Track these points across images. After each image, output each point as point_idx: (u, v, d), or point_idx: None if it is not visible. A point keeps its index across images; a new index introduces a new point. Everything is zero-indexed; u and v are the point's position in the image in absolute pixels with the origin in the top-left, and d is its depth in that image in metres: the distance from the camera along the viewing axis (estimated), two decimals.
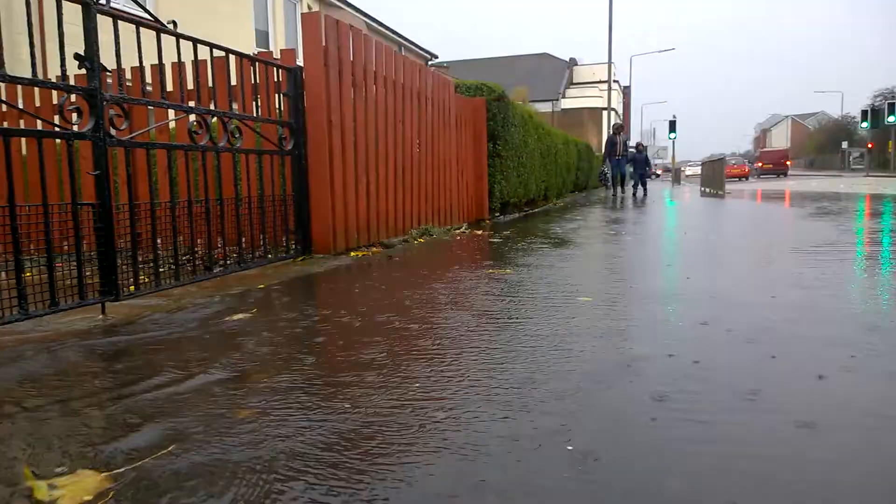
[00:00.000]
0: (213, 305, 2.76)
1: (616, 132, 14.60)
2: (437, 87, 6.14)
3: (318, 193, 4.21)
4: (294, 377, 1.68)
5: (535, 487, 1.04)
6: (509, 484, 1.06)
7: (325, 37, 4.16)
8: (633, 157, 15.06)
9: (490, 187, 7.54)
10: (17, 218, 2.30)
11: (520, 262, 3.88)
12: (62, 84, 2.47)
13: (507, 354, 1.84)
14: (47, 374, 1.79)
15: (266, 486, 1.06)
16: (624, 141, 14.54)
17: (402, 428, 1.31)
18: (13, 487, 1.08)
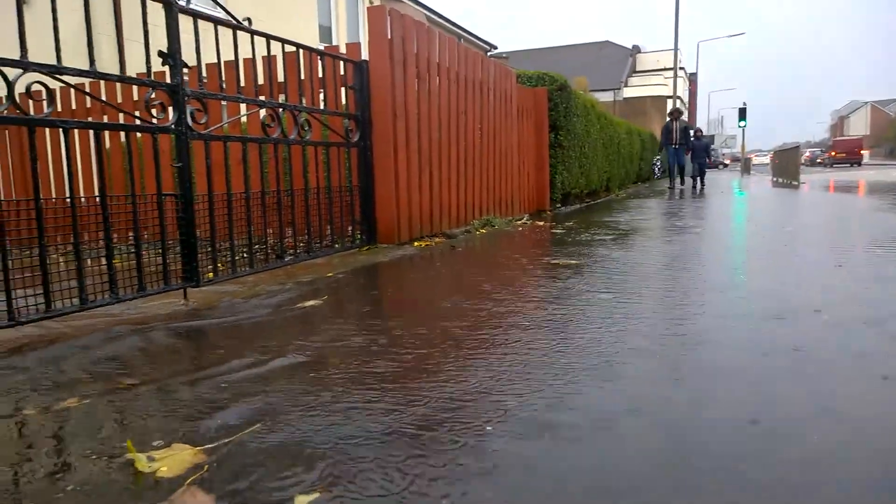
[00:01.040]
0: (285, 292, 2.86)
1: (673, 117, 13.14)
2: (498, 77, 6.12)
3: (382, 184, 4.28)
4: (368, 361, 1.73)
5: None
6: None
7: (391, 30, 4.20)
8: (693, 145, 13.59)
9: (551, 178, 7.47)
10: (108, 208, 2.45)
11: (584, 252, 3.83)
12: (148, 80, 2.60)
13: (581, 344, 1.83)
14: (140, 354, 1.91)
15: (349, 466, 1.10)
16: (683, 128, 13.08)
17: (479, 412, 1.33)
18: (116, 459, 1.16)
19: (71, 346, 2.03)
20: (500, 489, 1.02)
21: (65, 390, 1.57)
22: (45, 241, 2.21)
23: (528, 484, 1.03)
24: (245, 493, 1.01)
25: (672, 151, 13.12)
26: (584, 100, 8.69)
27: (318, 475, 1.07)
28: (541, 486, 1.02)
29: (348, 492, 1.01)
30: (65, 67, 2.23)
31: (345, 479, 1.05)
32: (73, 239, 2.32)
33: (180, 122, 2.74)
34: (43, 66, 2.14)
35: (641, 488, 1.00)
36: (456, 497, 0.99)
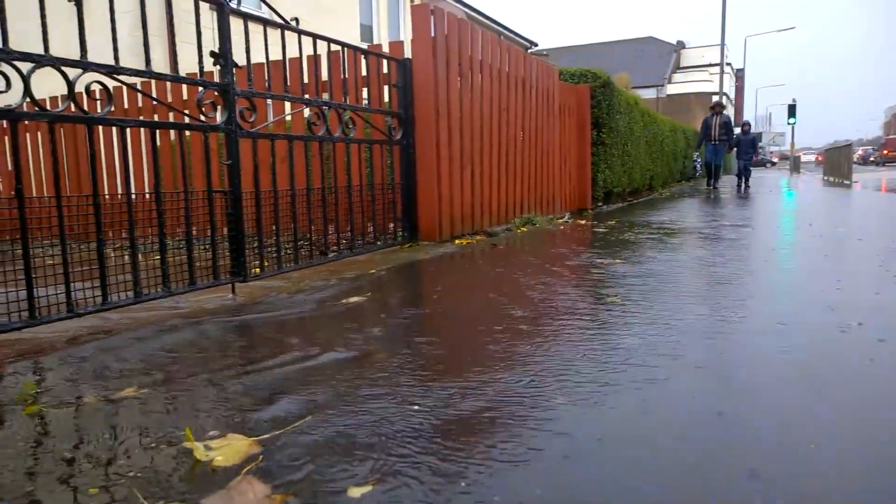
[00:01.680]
0: (329, 288, 2.89)
1: (715, 111, 11.91)
2: (541, 74, 6.07)
3: (424, 182, 4.29)
4: (414, 357, 1.74)
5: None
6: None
7: (434, 28, 4.21)
8: (739, 140, 12.36)
9: (593, 176, 7.37)
10: (162, 204, 2.52)
11: (627, 251, 3.77)
12: (200, 80, 2.67)
13: (624, 347, 1.80)
14: (192, 347, 1.96)
15: (400, 460, 1.11)
16: (724, 122, 11.78)
17: (516, 410, 1.32)
18: (174, 447, 1.19)
19: (127, 337, 2.10)
20: (550, 485, 1.01)
21: (122, 380, 1.63)
22: (102, 236, 2.30)
23: (573, 479, 1.02)
24: (299, 484, 1.02)
25: (711, 148, 12.02)
26: (628, 97, 8.55)
27: (369, 468, 1.08)
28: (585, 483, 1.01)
29: (400, 485, 1.02)
30: (122, 67, 2.30)
31: (396, 473, 1.06)
32: (129, 234, 2.39)
33: (230, 121, 2.80)
34: (102, 66, 2.22)
35: None
36: (506, 496, 0.99)
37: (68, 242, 2.19)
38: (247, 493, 0.97)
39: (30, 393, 1.51)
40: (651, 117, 10.48)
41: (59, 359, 1.86)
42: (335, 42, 3.52)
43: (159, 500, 0.97)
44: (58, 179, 2.14)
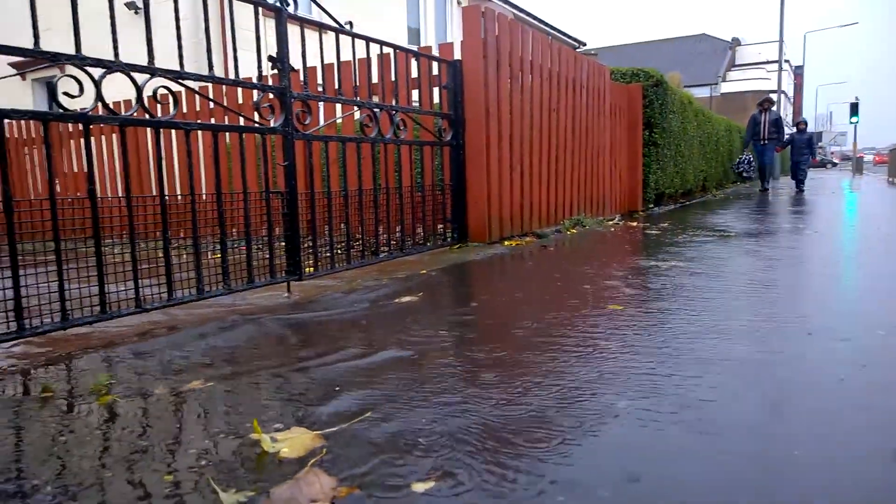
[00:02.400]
0: (381, 288, 2.93)
1: (763, 108, 10.85)
2: (591, 74, 6.00)
3: (474, 183, 4.30)
4: (469, 356, 1.74)
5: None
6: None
7: (485, 29, 4.22)
8: (792, 139, 11.52)
9: (644, 177, 7.24)
10: (223, 204, 2.60)
11: (682, 254, 3.69)
12: (259, 84, 2.75)
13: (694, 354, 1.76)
14: (253, 343, 2.02)
15: (461, 457, 1.11)
16: (773, 120, 10.77)
17: (575, 412, 1.31)
18: (242, 438, 1.23)
19: (190, 332, 2.17)
20: (615, 485, 1.00)
21: (189, 373, 1.69)
22: (168, 234, 2.39)
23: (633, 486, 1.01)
24: (363, 478, 1.04)
25: (759, 148, 10.95)
26: (681, 95, 8.36)
27: (431, 464, 1.09)
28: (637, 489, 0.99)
29: (462, 482, 1.02)
30: (187, 73, 2.39)
31: (458, 470, 1.06)
32: (193, 233, 2.48)
33: (287, 123, 2.87)
34: (169, 71, 2.31)
35: None
36: (570, 495, 0.98)
37: (137, 241, 2.28)
38: (313, 484, 0.99)
39: (103, 384, 1.58)
40: (705, 116, 10.21)
41: (128, 352, 1.94)
42: (387, 45, 3.56)
43: (231, 489, 1.01)
44: (128, 180, 2.24)
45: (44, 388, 1.58)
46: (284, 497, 0.96)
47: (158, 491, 1.02)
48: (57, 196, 2.04)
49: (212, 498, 0.99)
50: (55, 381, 1.66)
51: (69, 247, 2.20)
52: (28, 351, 2.00)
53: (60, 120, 2.03)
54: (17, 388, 1.62)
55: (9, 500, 1.00)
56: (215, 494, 0.99)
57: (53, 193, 2.01)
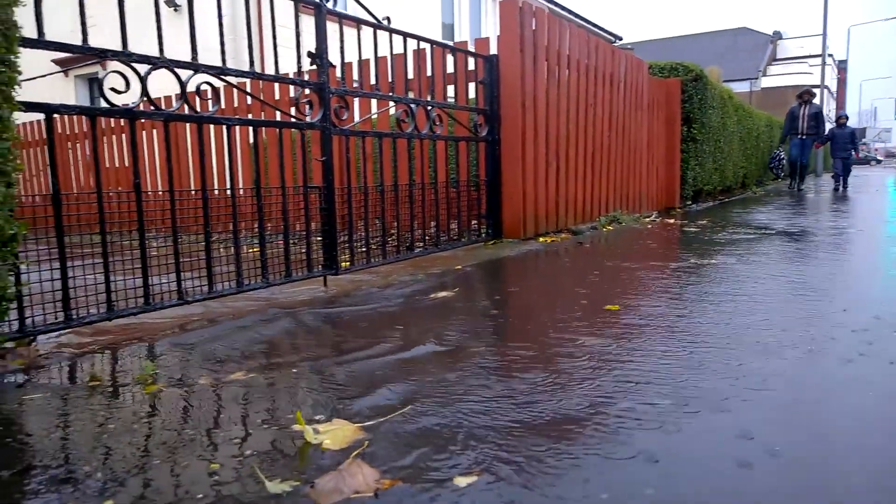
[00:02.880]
0: (417, 283, 2.93)
1: (803, 100, 10.12)
2: (629, 69, 5.90)
3: (509, 178, 4.27)
4: (507, 352, 1.73)
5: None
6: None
7: (522, 23, 4.18)
8: (833, 135, 10.83)
9: (682, 173, 7.09)
10: (262, 198, 2.64)
11: (722, 252, 3.60)
12: (299, 80, 2.77)
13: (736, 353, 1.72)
14: (292, 335, 2.04)
15: (502, 451, 1.10)
16: (814, 113, 10.00)
17: (616, 408, 1.28)
18: (285, 429, 1.24)
19: (230, 324, 2.21)
20: (660, 485, 0.97)
21: (231, 364, 1.71)
22: (210, 228, 2.42)
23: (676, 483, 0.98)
24: (406, 470, 1.04)
25: (797, 143, 10.14)
26: (721, 90, 8.16)
27: (472, 458, 1.08)
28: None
29: (504, 478, 1.01)
30: (229, 69, 2.42)
31: (499, 465, 1.05)
32: (234, 227, 2.51)
33: (325, 119, 2.89)
34: (211, 67, 2.35)
35: None
36: (614, 492, 0.96)
37: (179, 235, 2.32)
38: (357, 475, 1.00)
39: (149, 374, 1.61)
40: (746, 111, 9.96)
41: (171, 343, 1.98)
42: (424, 40, 3.56)
43: (276, 478, 1.02)
44: (171, 175, 2.28)
45: (91, 377, 1.62)
46: (329, 488, 0.97)
47: (205, 479, 1.03)
48: (89, 190, 2.09)
49: (257, 486, 1.00)
50: (102, 371, 1.70)
51: (113, 239, 2.25)
52: (75, 340, 2.06)
53: (108, 115, 2.08)
54: (66, 377, 1.67)
55: (61, 486, 1.03)
56: (261, 483, 1.00)
57: (101, 187, 2.06)
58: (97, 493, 0.99)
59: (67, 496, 0.99)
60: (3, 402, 1.45)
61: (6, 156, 1.61)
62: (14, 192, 1.67)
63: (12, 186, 1.66)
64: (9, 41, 1.62)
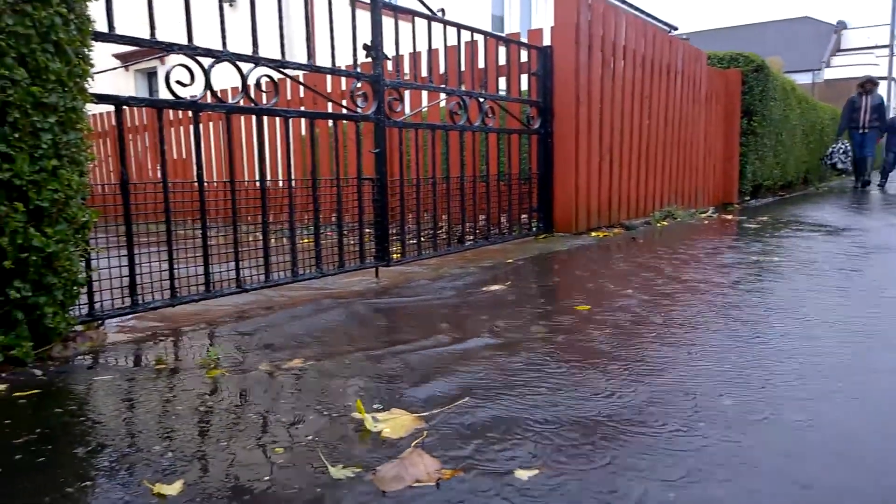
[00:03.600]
0: (468, 276, 2.92)
1: (864, 90, 9.25)
2: (687, 59, 5.72)
3: (562, 172, 4.21)
4: (562, 346, 1.70)
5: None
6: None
7: (578, 13, 4.10)
8: (892, 125, 9.87)
9: (741, 168, 6.85)
10: (317, 189, 2.67)
11: (785, 251, 3.46)
12: (354, 72, 2.79)
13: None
14: (346, 325, 2.06)
15: (562, 445, 1.09)
16: (875, 105, 9.13)
17: (674, 405, 1.24)
18: (344, 416, 1.25)
19: (286, 313, 2.25)
20: (730, 485, 0.94)
21: (288, 351, 1.74)
22: (267, 218, 2.47)
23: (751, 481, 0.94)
24: (466, 461, 1.03)
25: (857, 137, 9.24)
26: (784, 82, 7.84)
27: (532, 452, 1.07)
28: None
29: (564, 472, 0.99)
30: (288, 61, 2.46)
31: (559, 459, 1.04)
32: (290, 218, 2.56)
33: (379, 111, 2.91)
34: (271, 60, 2.39)
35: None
36: (680, 492, 0.93)
37: (239, 224, 2.38)
38: (418, 464, 1.00)
39: (212, 359, 1.65)
40: (810, 104, 9.54)
41: (230, 330, 2.03)
42: (478, 31, 3.53)
43: (338, 464, 1.03)
44: (232, 166, 2.33)
45: (157, 361, 1.67)
46: (390, 475, 0.97)
47: (271, 462, 1.05)
48: (150, 180, 2.16)
49: (321, 471, 1.01)
50: (166, 354, 1.76)
51: (174, 228, 2.32)
52: (140, 325, 2.13)
53: (173, 107, 2.14)
54: (132, 360, 1.73)
55: (133, 464, 1.07)
56: (324, 468, 1.01)
57: (166, 178, 2.13)
58: (168, 472, 1.02)
59: (140, 474, 1.02)
60: (75, 382, 1.52)
61: (80, 146, 1.67)
62: (86, 180, 1.74)
63: (85, 175, 1.72)
64: (83, 35, 1.68)
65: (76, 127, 1.65)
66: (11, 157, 1.49)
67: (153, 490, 0.96)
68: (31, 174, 1.52)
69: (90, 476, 1.02)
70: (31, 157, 1.52)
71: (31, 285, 1.56)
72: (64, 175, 1.60)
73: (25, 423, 1.25)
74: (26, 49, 1.51)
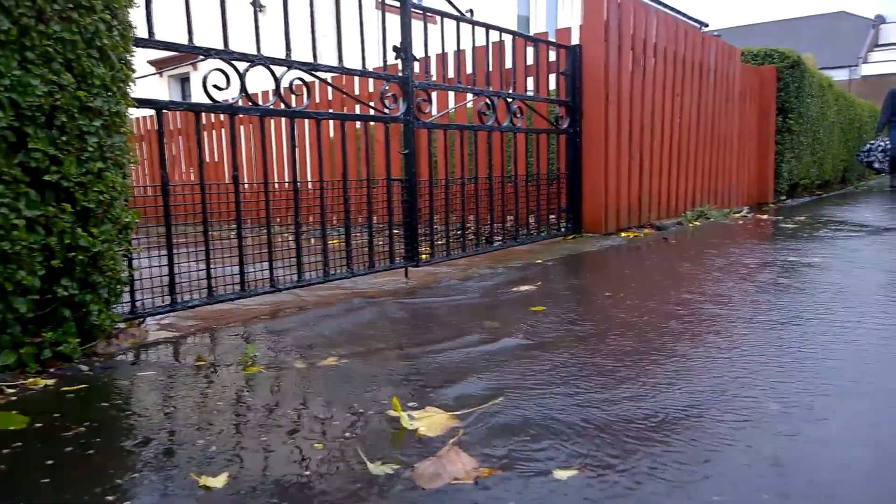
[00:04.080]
0: (497, 276, 2.92)
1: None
2: (720, 56, 5.64)
3: (590, 172, 4.19)
4: (596, 348, 1.69)
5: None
6: None
7: (607, 10, 4.07)
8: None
9: (776, 167, 6.72)
10: (348, 190, 2.70)
11: (826, 251, 3.39)
12: (384, 74, 2.82)
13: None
14: (377, 324, 2.08)
15: (600, 447, 1.08)
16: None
17: (719, 414, 1.23)
18: (381, 414, 1.27)
19: (318, 312, 2.28)
20: (771, 488, 0.93)
21: (322, 349, 1.77)
22: (300, 219, 2.51)
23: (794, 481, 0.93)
24: (503, 460, 1.04)
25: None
26: (820, 78, 7.67)
27: (569, 452, 1.07)
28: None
29: (604, 474, 0.99)
30: (320, 64, 2.49)
31: (597, 460, 1.03)
32: (321, 219, 2.59)
33: (408, 112, 2.93)
34: (304, 63, 2.42)
35: None
36: (727, 495, 0.93)
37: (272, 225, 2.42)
38: (455, 463, 1.00)
39: (250, 356, 1.69)
40: (847, 101, 9.31)
41: (265, 328, 2.06)
42: (506, 31, 3.53)
43: (377, 461, 1.04)
44: (266, 168, 2.37)
45: (197, 358, 1.71)
46: (429, 473, 0.98)
47: (311, 457, 1.07)
48: (186, 182, 2.21)
49: (360, 467, 1.02)
50: (205, 352, 1.80)
51: (210, 229, 2.37)
52: (178, 323, 2.18)
53: (211, 111, 2.19)
54: (173, 357, 1.78)
55: (178, 458, 1.09)
56: (363, 464, 1.03)
57: (203, 180, 2.18)
58: (212, 465, 1.05)
59: (185, 467, 1.05)
60: (120, 378, 1.56)
61: (123, 149, 1.72)
62: (129, 182, 1.79)
63: (128, 177, 1.77)
64: (126, 41, 1.73)
65: (120, 130, 1.70)
66: (59, 159, 1.54)
67: (199, 482, 0.98)
68: (78, 176, 1.57)
69: (138, 468, 1.05)
70: (78, 160, 1.58)
71: (77, 283, 1.61)
72: (109, 177, 1.65)
73: (74, 416, 1.29)
74: (73, 54, 1.56)
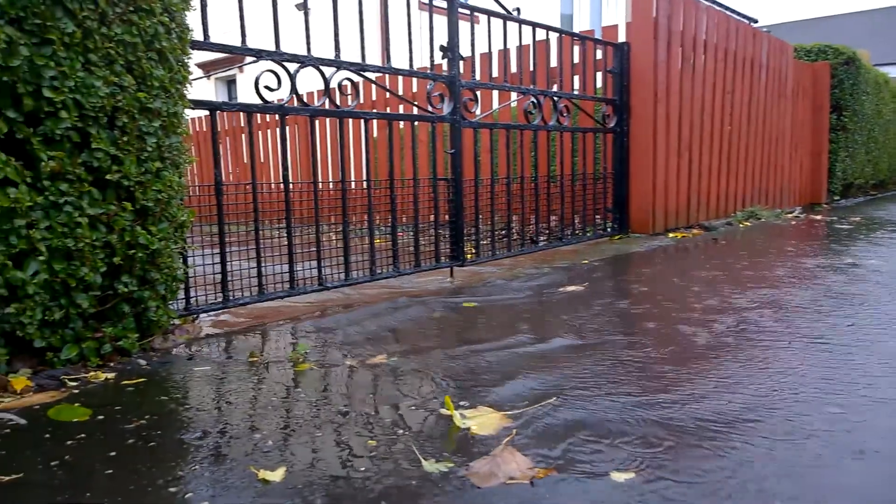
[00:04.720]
0: (543, 276, 2.89)
1: None
2: (772, 52, 5.47)
3: (638, 171, 4.11)
4: (649, 350, 1.66)
5: None
6: None
7: (656, 7, 3.99)
8: None
9: (830, 166, 6.48)
10: (395, 190, 2.71)
11: (884, 254, 3.24)
12: (431, 73, 2.82)
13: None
14: (425, 323, 2.09)
15: (654, 451, 1.06)
16: None
17: (772, 415, 1.19)
18: (433, 412, 1.27)
19: (366, 311, 2.30)
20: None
21: (371, 347, 1.78)
22: (348, 219, 2.54)
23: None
24: (558, 461, 1.02)
25: None
26: (877, 75, 7.36)
27: (626, 454, 1.05)
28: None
29: (663, 477, 0.97)
30: (368, 65, 2.51)
31: (656, 463, 1.01)
32: (368, 218, 2.61)
33: (455, 112, 2.93)
34: (352, 64, 2.45)
35: None
36: (786, 497, 0.89)
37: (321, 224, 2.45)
38: (510, 462, 0.99)
39: (301, 353, 1.71)
40: None
41: (314, 326, 2.09)
42: (554, 30, 3.50)
43: (431, 458, 1.04)
44: (315, 168, 2.40)
45: (250, 354, 1.74)
46: (484, 471, 0.97)
47: (365, 453, 1.08)
48: (231, 182, 2.25)
49: (414, 464, 1.02)
50: (258, 348, 1.83)
51: (260, 228, 2.41)
52: (230, 320, 2.23)
53: (262, 111, 2.22)
54: (226, 352, 1.81)
55: (237, 451, 1.11)
56: (417, 462, 1.03)
57: (255, 180, 2.22)
58: (270, 459, 1.07)
59: (242, 460, 1.07)
60: (177, 372, 1.60)
61: (180, 149, 1.77)
62: (185, 181, 1.83)
63: (183, 177, 1.82)
64: (183, 43, 1.78)
65: (177, 131, 1.75)
66: (120, 159, 1.59)
67: (258, 476, 1.00)
68: (138, 175, 1.62)
69: (198, 460, 1.08)
70: (138, 160, 1.62)
71: (136, 280, 1.66)
72: (166, 176, 1.69)
73: (134, 409, 1.33)
74: (133, 57, 1.61)
